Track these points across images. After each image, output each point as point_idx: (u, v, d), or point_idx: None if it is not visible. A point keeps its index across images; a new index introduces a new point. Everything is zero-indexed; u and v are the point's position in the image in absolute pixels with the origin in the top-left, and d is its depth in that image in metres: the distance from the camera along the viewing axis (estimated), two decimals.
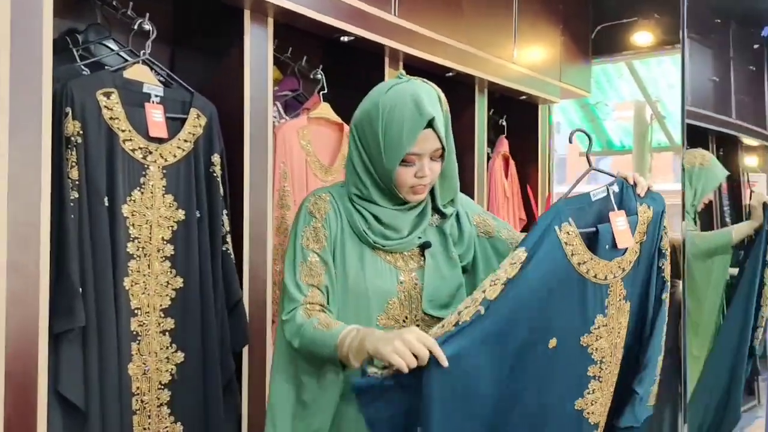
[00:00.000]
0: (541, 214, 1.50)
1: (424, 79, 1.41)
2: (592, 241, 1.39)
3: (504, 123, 3.23)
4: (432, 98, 1.37)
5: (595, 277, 1.38)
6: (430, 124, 1.34)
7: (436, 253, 1.45)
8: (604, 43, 3.61)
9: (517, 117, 3.27)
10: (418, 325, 1.40)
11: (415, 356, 1.16)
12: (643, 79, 4.33)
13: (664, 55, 3.87)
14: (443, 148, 1.38)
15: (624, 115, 4.85)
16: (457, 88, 2.75)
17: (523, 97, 3.13)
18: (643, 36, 3.52)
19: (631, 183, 1.46)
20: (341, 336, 1.25)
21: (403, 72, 1.43)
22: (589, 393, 1.41)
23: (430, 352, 1.16)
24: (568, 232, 1.36)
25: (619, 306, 1.41)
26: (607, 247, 1.38)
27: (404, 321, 1.40)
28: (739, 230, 2.60)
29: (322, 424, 1.35)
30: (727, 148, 3.14)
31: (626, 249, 1.41)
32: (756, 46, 2.76)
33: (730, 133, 3.09)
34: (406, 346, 1.16)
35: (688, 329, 2.50)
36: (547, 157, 3.46)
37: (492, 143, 3.17)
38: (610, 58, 3.83)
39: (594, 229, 1.40)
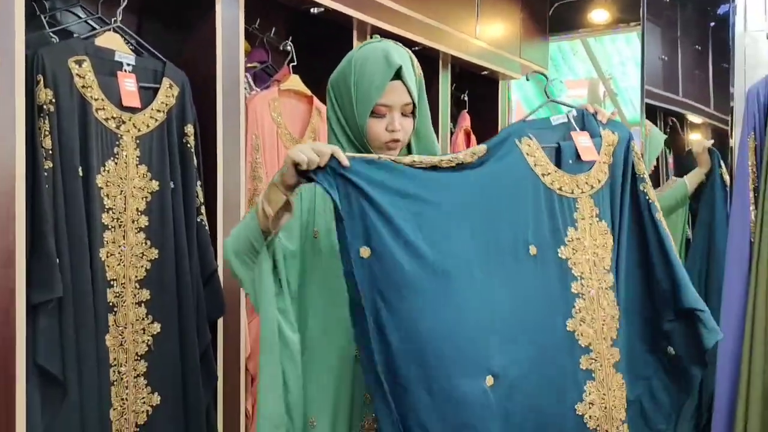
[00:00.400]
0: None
1: (398, 43, 1.43)
2: (555, 157, 1.44)
3: (466, 98, 3.28)
4: (402, 55, 1.38)
5: (560, 189, 1.42)
6: (399, 75, 1.35)
7: None
8: (560, 21, 3.68)
9: (479, 93, 3.32)
10: None
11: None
12: (597, 56, 4.42)
13: (618, 33, 3.96)
14: (414, 105, 1.39)
15: (578, 92, 4.95)
16: (422, 63, 2.76)
17: (485, 72, 3.18)
18: (598, 14, 3.60)
19: (592, 112, 1.51)
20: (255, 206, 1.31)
21: (378, 36, 1.45)
22: (576, 312, 1.42)
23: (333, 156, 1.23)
24: (529, 145, 1.41)
25: (591, 223, 1.45)
26: (570, 161, 1.43)
27: None
28: (692, 179, 2.73)
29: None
30: (674, 125, 3.26)
31: (592, 165, 1.45)
32: (711, 24, 2.86)
33: (677, 111, 3.21)
34: (311, 149, 1.23)
35: None
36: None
37: (454, 118, 3.22)
38: (566, 35, 3.91)
39: (556, 144, 1.45)
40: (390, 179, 1.27)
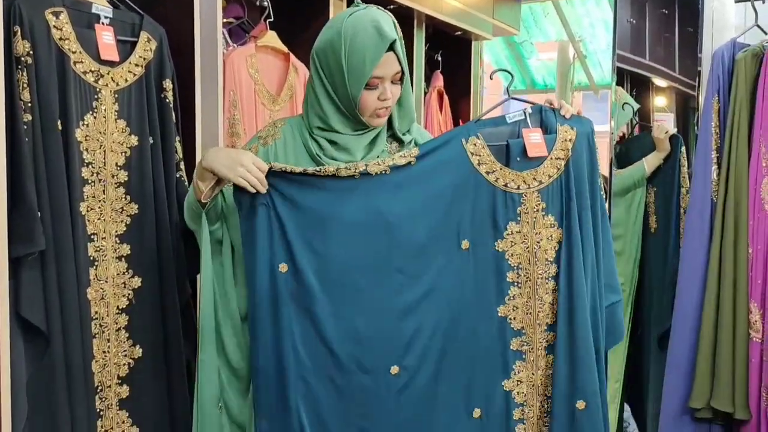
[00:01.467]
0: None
1: (379, 6, 1.46)
2: (503, 155, 1.52)
3: (439, 58, 3.29)
4: (389, 23, 1.43)
5: (505, 185, 1.51)
6: (392, 47, 1.41)
7: None
8: None
9: (452, 53, 3.34)
10: None
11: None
12: (568, 18, 4.46)
13: None
14: (402, 72, 1.45)
15: (548, 54, 4.99)
16: (397, 21, 2.77)
17: (458, 32, 3.19)
18: None
19: (557, 107, 1.56)
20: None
21: (359, 0, 1.47)
22: (510, 299, 1.54)
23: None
24: (475, 144, 1.49)
25: (535, 217, 1.53)
26: (518, 159, 1.51)
27: None
28: (650, 162, 2.83)
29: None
30: (640, 89, 3.33)
31: (541, 162, 1.52)
32: None
33: (644, 74, 3.28)
34: (248, 171, 1.35)
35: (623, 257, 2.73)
36: (479, 94, 3.56)
37: (428, 78, 3.23)
38: None
39: (505, 143, 1.52)
40: (303, 193, 1.40)
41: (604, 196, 1.60)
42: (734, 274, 2.01)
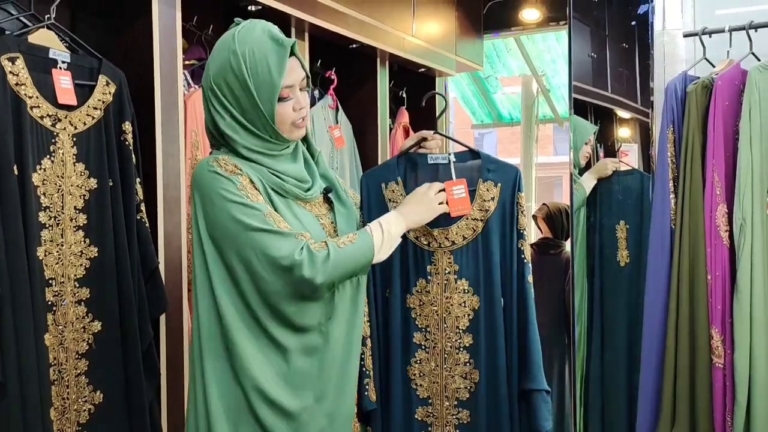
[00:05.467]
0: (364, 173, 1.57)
1: (255, 19, 1.40)
2: None
3: (404, 95, 3.34)
4: (277, 28, 1.37)
5: (417, 239, 1.45)
6: (293, 51, 1.35)
7: (337, 195, 1.49)
8: (494, 19, 3.79)
9: (416, 89, 3.39)
10: None
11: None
12: (529, 53, 4.57)
13: (549, 31, 4.10)
14: (307, 76, 1.39)
15: (512, 89, 5.10)
16: (361, 60, 2.84)
17: (422, 69, 3.25)
18: (530, 13, 3.72)
19: (429, 139, 1.50)
20: (373, 237, 1.34)
21: (238, 18, 1.40)
22: (416, 362, 1.44)
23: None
24: (393, 190, 1.45)
25: (447, 279, 1.43)
26: None
27: None
28: (586, 183, 2.81)
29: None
30: (604, 121, 3.40)
31: (455, 221, 1.43)
32: (633, 23, 3.00)
33: (607, 106, 3.35)
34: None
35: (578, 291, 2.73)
36: (444, 128, 3.61)
37: (393, 114, 3.27)
38: (499, 33, 4.02)
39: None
40: None
41: (526, 258, 1.45)
42: (694, 301, 2.04)
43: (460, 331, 1.43)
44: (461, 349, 1.43)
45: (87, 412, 1.68)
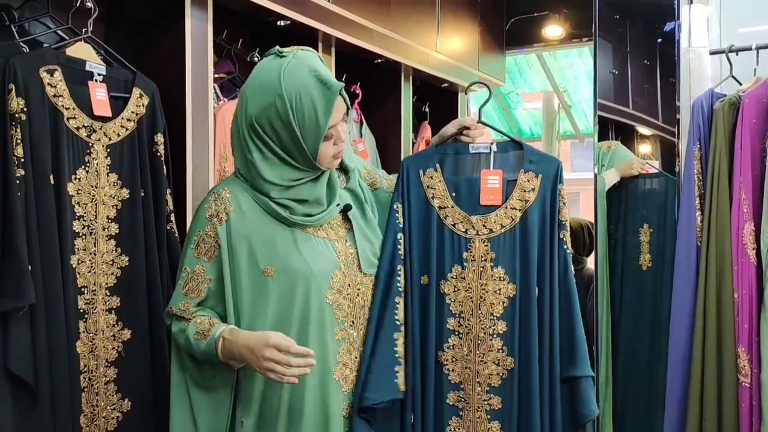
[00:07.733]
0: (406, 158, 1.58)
1: (302, 47, 1.40)
2: (458, 191, 1.46)
3: (426, 109, 3.36)
4: (324, 65, 1.37)
5: (453, 226, 1.44)
6: (339, 91, 1.35)
7: (356, 215, 1.49)
8: (517, 35, 3.81)
9: (439, 104, 3.41)
10: (358, 289, 1.46)
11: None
12: (551, 69, 4.58)
13: (571, 47, 4.11)
14: (347, 106, 1.41)
15: (533, 104, 5.11)
16: (385, 75, 2.86)
17: (445, 84, 3.27)
18: (553, 29, 3.73)
19: (471, 128, 1.50)
20: (218, 348, 1.36)
21: (278, 47, 1.40)
22: (449, 347, 1.44)
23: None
24: (431, 177, 1.45)
25: (482, 266, 1.43)
26: (469, 200, 1.45)
27: (348, 288, 1.43)
28: (609, 178, 2.78)
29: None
30: (625, 137, 3.41)
31: (494, 209, 1.44)
32: (658, 40, 3.01)
33: (628, 123, 3.35)
34: (272, 361, 1.26)
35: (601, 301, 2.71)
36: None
37: (416, 129, 3.29)
38: (522, 49, 4.04)
39: (465, 177, 1.46)
40: None
41: (568, 249, 1.46)
42: (720, 319, 2.03)
43: (495, 318, 1.44)
44: (495, 335, 1.44)
45: (115, 419, 1.70)
